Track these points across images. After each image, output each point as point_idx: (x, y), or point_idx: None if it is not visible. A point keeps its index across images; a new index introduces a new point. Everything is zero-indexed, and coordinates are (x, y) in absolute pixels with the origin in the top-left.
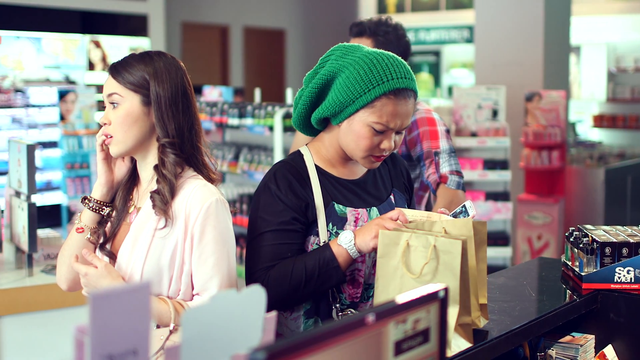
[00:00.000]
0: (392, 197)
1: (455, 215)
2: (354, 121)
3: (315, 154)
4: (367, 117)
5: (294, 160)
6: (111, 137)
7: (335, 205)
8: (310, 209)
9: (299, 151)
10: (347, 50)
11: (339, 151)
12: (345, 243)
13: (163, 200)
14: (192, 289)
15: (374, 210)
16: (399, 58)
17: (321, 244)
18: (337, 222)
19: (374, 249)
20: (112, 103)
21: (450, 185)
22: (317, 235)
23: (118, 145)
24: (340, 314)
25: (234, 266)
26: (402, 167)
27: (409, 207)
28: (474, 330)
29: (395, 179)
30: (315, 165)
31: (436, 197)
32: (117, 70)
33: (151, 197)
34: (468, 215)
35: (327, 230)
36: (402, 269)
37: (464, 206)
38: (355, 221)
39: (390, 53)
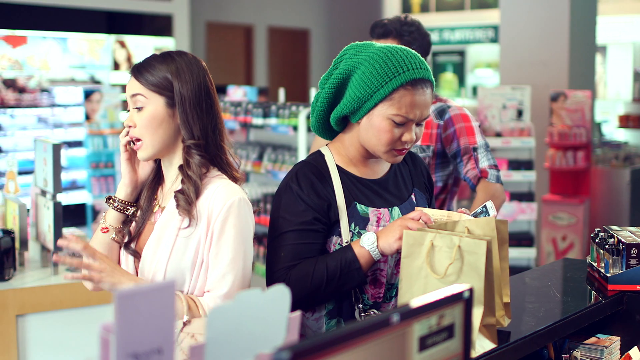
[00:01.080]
0: (413, 196)
1: (476, 215)
2: (374, 116)
3: (336, 154)
4: (386, 110)
5: (316, 160)
6: (137, 140)
7: (358, 205)
8: (333, 209)
9: (319, 151)
10: (360, 47)
11: (359, 150)
12: (367, 245)
13: (187, 201)
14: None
15: (396, 209)
16: (412, 50)
17: (344, 244)
18: (360, 222)
19: (397, 251)
20: (137, 106)
21: (490, 180)
22: (340, 235)
23: (147, 150)
24: (363, 314)
25: (249, 266)
26: (422, 166)
27: (429, 206)
28: (498, 331)
29: (415, 179)
30: (337, 165)
31: (476, 192)
32: (139, 71)
33: (175, 197)
34: (489, 215)
35: (350, 231)
36: (427, 269)
37: (485, 206)
38: (377, 221)
39: (402, 46)
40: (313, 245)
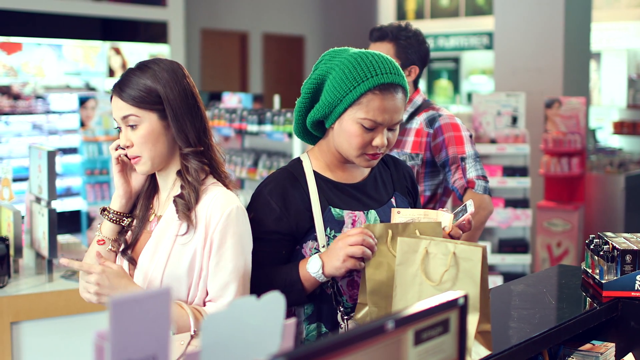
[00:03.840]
0: (393, 200)
1: (456, 214)
2: (344, 120)
3: (314, 160)
4: (355, 114)
5: (293, 167)
6: (137, 157)
7: (332, 209)
8: (304, 216)
9: (298, 158)
10: (335, 53)
11: (336, 155)
12: (313, 272)
13: (187, 206)
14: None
15: (372, 212)
16: (386, 56)
17: (320, 249)
18: (335, 225)
19: (346, 273)
20: (129, 124)
21: (477, 190)
22: (316, 240)
23: (146, 165)
24: (345, 317)
25: (249, 273)
26: (405, 171)
27: None
28: (493, 338)
29: (397, 183)
30: (314, 171)
31: (463, 203)
32: (122, 89)
33: (174, 201)
34: (466, 212)
35: (325, 235)
36: (421, 277)
37: (465, 205)
38: (352, 223)
39: (376, 52)
40: (271, 254)
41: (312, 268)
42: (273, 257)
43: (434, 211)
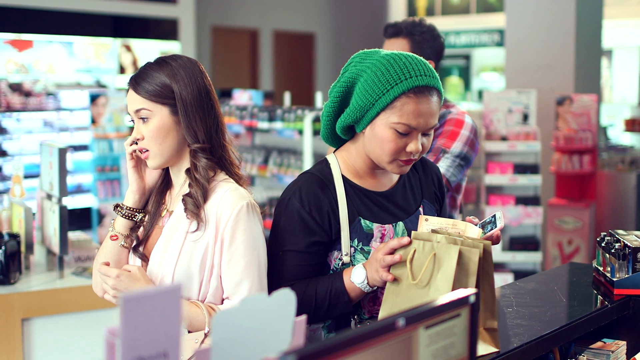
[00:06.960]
0: (421, 208)
1: (483, 225)
2: (376, 125)
3: (343, 164)
4: (389, 119)
5: (321, 171)
6: (147, 151)
7: (362, 220)
8: (336, 224)
9: (326, 160)
10: (365, 55)
11: (366, 161)
12: (358, 282)
13: (195, 204)
14: (222, 292)
15: (400, 225)
16: (419, 57)
17: (344, 259)
18: (363, 238)
19: (386, 281)
20: (141, 117)
21: None
22: (341, 249)
23: (155, 159)
24: (358, 325)
25: (264, 270)
26: (433, 174)
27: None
28: (502, 335)
29: (425, 188)
30: (342, 175)
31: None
32: (137, 82)
33: (183, 200)
34: (496, 226)
35: (352, 246)
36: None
37: (494, 216)
38: (381, 237)
39: (409, 53)
40: (312, 267)
41: (357, 278)
42: (316, 269)
43: (463, 222)
